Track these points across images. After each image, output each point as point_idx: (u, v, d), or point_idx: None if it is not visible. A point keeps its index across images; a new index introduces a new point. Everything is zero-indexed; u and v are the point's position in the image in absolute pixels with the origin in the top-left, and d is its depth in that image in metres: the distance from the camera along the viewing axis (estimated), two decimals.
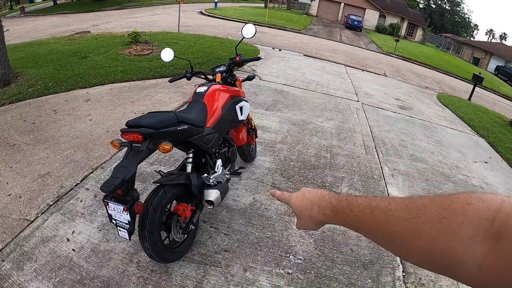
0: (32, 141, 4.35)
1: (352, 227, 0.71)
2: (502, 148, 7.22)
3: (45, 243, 2.66)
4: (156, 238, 2.20)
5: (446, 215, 0.50)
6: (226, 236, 2.95)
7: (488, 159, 6.35)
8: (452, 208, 0.50)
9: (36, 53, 9.35)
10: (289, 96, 7.27)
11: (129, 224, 2.02)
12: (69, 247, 2.63)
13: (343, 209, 0.72)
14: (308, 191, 0.88)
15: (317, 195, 0.83)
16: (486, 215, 0.46)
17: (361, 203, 0.68)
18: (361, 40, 28.38)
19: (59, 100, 5.81)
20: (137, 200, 2.06)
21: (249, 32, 3.39)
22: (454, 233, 0.48)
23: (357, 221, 0.68)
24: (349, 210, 0.70)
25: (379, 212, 0.62)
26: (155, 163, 3.93)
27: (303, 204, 0.86)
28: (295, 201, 0.89)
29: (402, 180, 4.59)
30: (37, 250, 2.58)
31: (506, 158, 6.66)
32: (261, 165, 4.22)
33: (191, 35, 12.94)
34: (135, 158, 2.08)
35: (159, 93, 6.35)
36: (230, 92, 3.12)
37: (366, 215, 0.65)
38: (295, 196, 0.90)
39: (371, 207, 0.65)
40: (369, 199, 0.67)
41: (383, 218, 0.61)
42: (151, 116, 2.27)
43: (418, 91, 11.95)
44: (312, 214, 0.82)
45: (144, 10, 27.60)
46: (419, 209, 0.55)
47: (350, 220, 0.70)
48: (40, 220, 2.93)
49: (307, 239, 3.09)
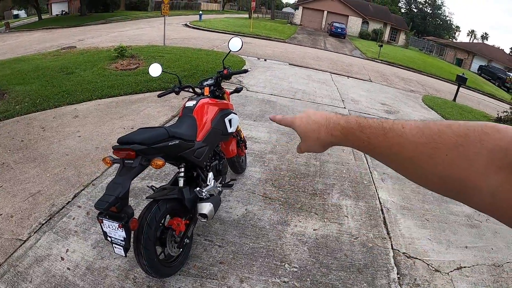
0: (21, 159, 4.32)
1: (363, 149, 0.69)
2: None
3: (39, 263, 2.65)
4: (152, 253, 2.21)
5: (462, 143, 0.50)
6: (220, 248, 2.97)
7: None
8: (469, 136, 0.50)
9: (23, 69, 9.29)
10: (277, 105, 7.34)
11: (124, 241, 2.03)
12: (64, 266, 2.63)
13: (353, 130, 0.70)
14: (313, 113, 0.85)
15: (323, 116, 0.81)
16: (502, 145, 0.47)
17: (373, 125, 0.66)
18: (345, 47, 28.75)
19: (47, 117, 5.78)
20: (131, 216, 2.08)
21: (236, 46, 3.46)
22: (469, 160, 0.49)
23: (369, 143, 0.67)
24: (360, 132, 0.68)
25: (393, 136, 0.61)
26: (146, 178, 3.94)
27: (309, 126, 0.83)
28: (300, 123, 0.86)
29: (391, 184, 4.69)
30: (31, 270, 2.57)
31: None
32: (252, 175, 4.26)
33: (177, 48, 12.98)
34: (128, 174, 2.10)
35: (147, 107, 6.36)
36: (219, 105, 3.16)
37: (379, 137, 0.64)
38: (299, 118, 0.87)
39: (384, 129, 0.64)
40: (380, 122, 0.66)
41: (397, 141, 0.60)
42: (142, 132, 2.30)
43: (404, 95, 12.16)
44: (320, 136, 0.80)
45: (129, 24, 27.61)
46: (435, 135, 0.55)
47: (362, 142, 0.68)
48: (33, 240, 2.92)
49: (301, 247, 3.13)
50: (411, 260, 3.21)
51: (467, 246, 3.59)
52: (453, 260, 3.32)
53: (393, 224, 3.74)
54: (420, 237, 3.59)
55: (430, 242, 3.54)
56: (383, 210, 3.99)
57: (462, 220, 4.11)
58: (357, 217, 3.75)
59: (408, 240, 3.50)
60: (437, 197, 4.52)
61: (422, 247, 3.44)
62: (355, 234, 3.44)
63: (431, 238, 3.61)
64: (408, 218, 3.92)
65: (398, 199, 4.32)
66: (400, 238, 3.52)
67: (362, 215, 3.80)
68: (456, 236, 3.75)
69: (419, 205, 4.27)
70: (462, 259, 3.36)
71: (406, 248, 3.37)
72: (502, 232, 4.02)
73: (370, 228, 3.60)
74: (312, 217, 3.62)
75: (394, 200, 4.28)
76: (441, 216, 4.10)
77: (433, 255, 3.34)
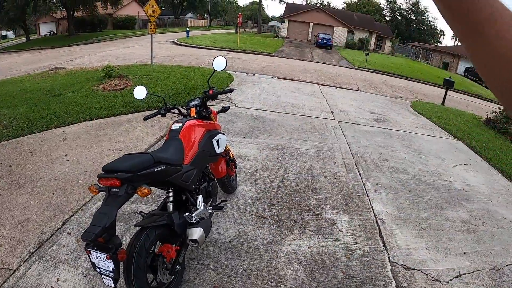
0: (9, 185, 4.25)
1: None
2: (480, 148, 7.51)
3: None
4: (143, 283, 2.17)
5: None
6: (214, 271, 2.93)
7: (467, 161, 6.60)
8: None
9: (10, 92, 9.21)
10: (266, 121, 7.35)
11: (113, 272, 1.99)
12: None
13: None
14: None
15: None
16: None
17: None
18: (332, 57, 29.09)
19: (35, 140, 5.72)
20: (119, 247, 2.04)
21: (220, 65, 3.46)
22: None
23: None
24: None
25: None
26: (136, 202, 3.89)
27: None
28: None
29: (385, 194, 4.72)
30: None
31: (485, 158, 6.95)
32: (243, 194, 4.23)
33: (165, 66, 13.02)
34: (113, 203, 2.07)
35: (135, 128, 6.33)
36: (206, 126, 3.15)
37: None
38: None
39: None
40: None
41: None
42: (127, 159, 2.27)
43: (392, 102, 12.29)
44: None
45: (116, 43, 27.64)
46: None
47: None
48: (23, 269, 2.85)
49: (296, 266, 3.10)
50: (409, 271, 3.19)
51: (465, 252, 3.60)
52: (452, 268, 3.32)
53: (389, 236, 3.73)
54: (417, 247, 3.58)
55: (427, 252, 3.53)
56: (378, 222, 3.98)
57: (458, 226, 4.13)
58: (352, 231, 3.73)
59: (405, 251, 3.49)
60: (432, 204, 4.57)
61: (420, 257, 3.43)
62: (351, 249, 3.42)
63: (429, 247, 3.60)
64: (404, 229, 3.91)
65: (393, 210, 4.32)
66: (397, 249, 3.50)
67: (357, 229, 3.79)
68: (453, 243, 3.75)
69: (414, 214, 4.28)
70: (461, 266, 3.37)
71: (403, 259, 3.35)
72: (499, 234, 4.07)
73: (366, 241, 3.58)
74: (306, 234, 3.59)
75: (388, 210, 4.28)
76: (437, 224, 4.11)
77: (432, 265, 3.33)
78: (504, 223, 4.45)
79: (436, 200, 4.75)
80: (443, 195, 4.93)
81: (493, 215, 4.62)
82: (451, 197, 4.92)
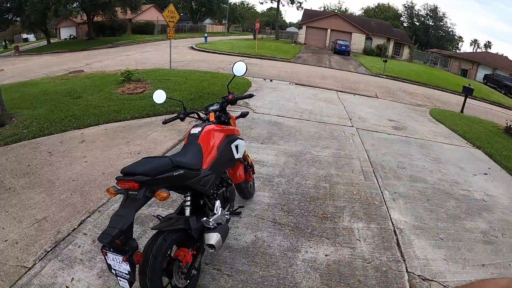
0: (27, 184, 4.31)
1: None
2: (499, 157, 7.29)
3: None
4: (158, 285, 2.16)
5: None
6: (229, 277, 2.89)
7: (487, 170, 6.42)
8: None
9: (31, 93, 9.42)
10: (284, 127, 7.31)
11: (129, 274, 1.98)
12: None
13: None
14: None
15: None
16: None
17: None
18: (350, 64, 28.92)
19: (54, 141, 5.80)
20: (136, 249, 2.04)
21: (240, 70, 3.44)
22: None
23: None
24: None
25: None
26: (153, 205, 3.88)
27: None
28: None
29: (403, 203, 4.61)
30: None
31: (505, 167, 6.74)
32: (261, 200, 4.20)
33: (183, 71, 13.12)
34: (131, 206, 2.07)
35: (153, 131, 6.36)
36: (225, 132, 3.12)
37: None
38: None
39: None
40: None
41: None
42: (146, 163, 2.27)
43: (411, 110, 12.11)
44: None
45: (135, 48, 28.08)
46: None
47: None
48: (38, 267, 2.87)
49: (312, 274, 3.05)
50: (427, 282, 3.12)
51: (483, 264, 3.51)
52: (470, 280, 3.22)
53: (407, 246, 3.65)
54: (435, 258, 3.51)
55: (445, 262, 3.45)
56: (395, 231, 3.90)
57: (477, 236, 4.02)
58: (370, 240, 3.66)
59: (423, 262, 3.41)
60: (451, 214, 4.48)
61: (438, 268, 3.35)
62: (368, 258, 3.35)
63: (447, 258, 3.52)
64: (422, 238, 3.83)
65: (411, 219, 4.23)
66: (415, 260, 3.43)
67: (375, 238, 3.72)
68: (472, 254, 3.66)
69: (432, 224, 4.18)
70: (479, 277, 3.26)
71: (421, 270, 3.28)
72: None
73: (383, 251, 3.51)
74: (323, 242, 3.54)
75: (406, 220, 4.19)
76: (455, 234, 4.01)
77: (450, 276, 3.25)
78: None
79: (454, 210, 4.64)
80: (462, 205, 4.80)
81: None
82: (470, 207, 4.79)
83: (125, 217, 2.00)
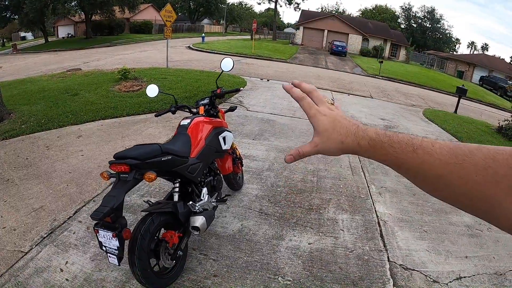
0: (25, 176, 4.45)
1: (389, 163, 0.68)
2: None
3: (39, 274, 2.74)
4: (145, 264, 2.31)
5: (491, 165, 0.52)
6: (215, 262, 3.04)
7: None
8: (497, 160, 0.52)
9: (29, 90, 9.54)
10: (276, 124, 7.48)
11: (118, 250, 2.14)
12: (63, 277, 2.72)
13: (382, 143, 0.67)
14: (342, 116, 0.77)
15: (351, 123, 0.74)
16: None
17: (403, 141, 0.64)
18: (347, 64, 29.10)
19: (52, 136, 5.94)
20: (125, 226, 2.19)
21: (227, 66, 3.65)
22: (497, 182, 0.51)
23: (397, 158, 0.65)
24: (390, 146, 0.66)
25: (423, 153, 0.61)
26: (145, 195, 4.05)
27: (335, 127, 0.74)
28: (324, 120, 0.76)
29: (389, 197, 4.75)
30: (31, 280, 2.66)
31: None
32: (249, 192, 4.35)
33: (179, 70, 13.26)
34: (122, 187, 2.23)
35: (148, 127, 6.51)
36: (213, 124, 3.30)
37: (408, 153, 0.63)
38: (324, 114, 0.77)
39: (414, 145, 0.62)
40: (410, 137, 0.64)
41: (427, 159, 0.60)
42: (137, 148, 2.44)
43: (404, 110, 12.29)
44: (345, 141, 0.73)
45: (133, 47, 28.18)
46: (465, 156, 0.55)
47: (389, 156, 0.66)
48: (34, 252, 3.02)
49: (295, 260, 3.18)
50: (408, 271, 3.21)
51: (467, 256, 3.59)
52: (453, 271, 3.32)
53: (390, 237, 3.76)
54: (418, 249, 3.60)
55: (428, 253, 3.54)
56: (379, 223, 4.02)
57: (462, 230, 4.12)
58: (353, 231, 3.78)
59: (405, 252, 3.51)
60: (437, 208, 4.56)
61: (420, 258, 3.44)
62: (351, 247, 3.47)
63: (430, 250, 3.61)
64: (406, 230, 3.94)
65: (396, 212, 4.35)
66: (397, 250, 3.53)
67: (358, 229, 3.84)
68: (455, 246, 3.75)
69: (417, 217, 4.29)
70: (462, 269, 3.36)
71: (403, 260, 3.38)
72: (504, 240, 4.03)
73: (366, 241, 3.62)
74: (307, 232, 3.67)
75: (391, 213, 4.31)
76: (440, 227, 4.12)
77: (432, 266, 3.34)
78: None
79: (441, 204, 4.63)
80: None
81: None
82: None
83: (116, 197, 2.15)
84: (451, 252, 3.61)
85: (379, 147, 0.68)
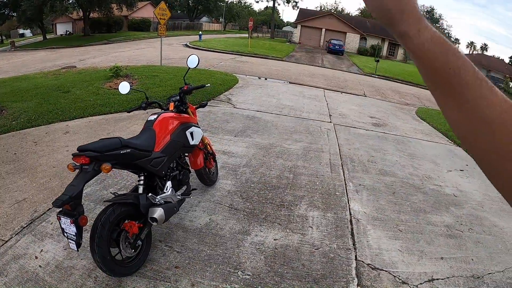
0: (12, 170, 4.66)
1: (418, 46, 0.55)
2: None
3: (15, 260, 2.95)
4: (105, 252, 2.50)
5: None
6: (178, 253, 3.19)
7: (464, 167, 6.54)
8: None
9: (22, 87, 9.73)
10: (260, 121, 7.62)
11: (76, 236, 2.33)
12: (36, 263, 2.92)
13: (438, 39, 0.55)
14: None
15: None
16: None
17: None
18: (343, 63, 29.25)
19: (40, 132, 6.14)
20: (82, 213, 2.39)
21: (193, 62, 3.92)
22: None
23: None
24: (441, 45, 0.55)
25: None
26: (122, 189, 4.22)
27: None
28: None
29: (366, 195, 4.76)
30: (8, 266, 2.87)
31: None
32: (222, 187, 4.50)
33: (172, 68, 13.43)
34: (82, 178, 2.43)
35: (134, 124, 6.70)
36: (180, 119, 3.50)
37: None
38: None
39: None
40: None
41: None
42: (99, 142, 2.64)
43: (397, 108, 12.36)
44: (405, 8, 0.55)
45: (130, 44, 28.36)
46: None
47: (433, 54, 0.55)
48: (13, 241, 3.22)
49: (258, 255, 3.26)
50: (375, 271, 3.20)
51: (442, 257, 3.54)
52: (425, 272, 3.28)
53: (361, 235, 3.77)
54: (390, 248, 3.58)
55: (400, 253, 3.51)
56: (352, 221, 4.03)
57: (440, 230, 4.08)
58: (322, 228, 3.82)
59: (375, 251, 3.51)
60: (415, 208, 4.56)
61: (391, 258, 3.42)
62: (317, 245, 3.50)
63: (402, 249, 3.58)
64: (379, 229, 3.93)
65: (371, 210, 4.35)
66: (367, 249, 3.54)
67: (328, 226, 3.87)
68: (431, 247, 3.71)
69: (393, 216, 4.28)
70: (435, 270, 3.32)
71: (371, 259, 3.37)
72: (486, 241, 3.98)
73: (334, 238, 3.64)
74: (274, 228, 3.74)
75: (366, 211, 4.31)
76: (417, 227, 4.08)
77: (402, 267, 3.31)
78: (493, 230, 4.31)
79: (420, 203, 4.72)
80: (429, 199, 4.89)
81: (482, 221, 4.49)
82: (438, 202, 4.86)
83: (76, 186, 2.36)
84: (426, 253, 3.58)
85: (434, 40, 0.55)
